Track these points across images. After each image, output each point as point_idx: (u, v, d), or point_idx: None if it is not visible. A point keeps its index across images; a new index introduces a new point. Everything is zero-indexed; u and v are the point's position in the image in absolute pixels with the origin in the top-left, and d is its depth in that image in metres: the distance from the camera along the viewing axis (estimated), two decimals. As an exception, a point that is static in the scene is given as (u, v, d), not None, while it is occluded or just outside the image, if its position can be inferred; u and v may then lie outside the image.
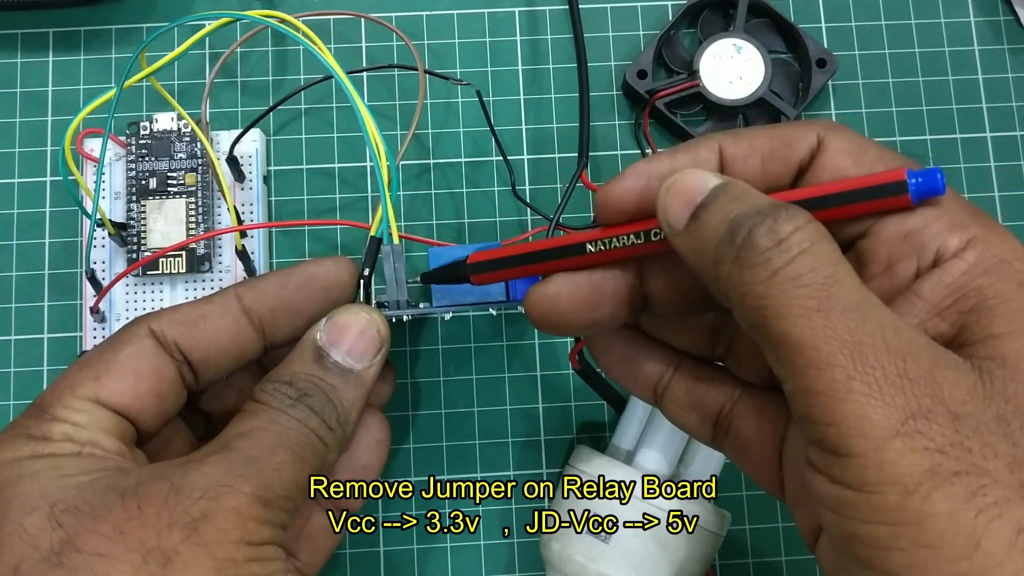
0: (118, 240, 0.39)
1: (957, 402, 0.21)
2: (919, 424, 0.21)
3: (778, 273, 0.22)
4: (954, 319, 0.23)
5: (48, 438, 0.27)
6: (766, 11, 0.43)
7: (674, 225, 0.25)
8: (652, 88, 0.42)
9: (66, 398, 0.28)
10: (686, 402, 0.29)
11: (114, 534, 0.25)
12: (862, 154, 0.26)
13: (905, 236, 0.24)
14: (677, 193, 0.25)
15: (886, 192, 0.24)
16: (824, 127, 0.26)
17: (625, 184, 0.27)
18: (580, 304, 0.27)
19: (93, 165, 0.40)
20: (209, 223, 0.39)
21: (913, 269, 0.24)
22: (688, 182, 0.25)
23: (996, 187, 0.43)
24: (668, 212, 0.25)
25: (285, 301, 0.31)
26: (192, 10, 0.43)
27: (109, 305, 0.39)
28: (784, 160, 0.26)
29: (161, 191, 0.39)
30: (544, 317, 0.27)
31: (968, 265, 0.23)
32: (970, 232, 0.24)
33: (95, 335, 0.39)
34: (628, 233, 0.27)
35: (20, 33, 0.43)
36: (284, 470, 0.27)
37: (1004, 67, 0.44)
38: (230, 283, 0.39)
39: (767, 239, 0.23)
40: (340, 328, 0.30)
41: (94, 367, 0.28)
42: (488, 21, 0.44)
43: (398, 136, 0.42)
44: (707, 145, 0.27)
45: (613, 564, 0.33)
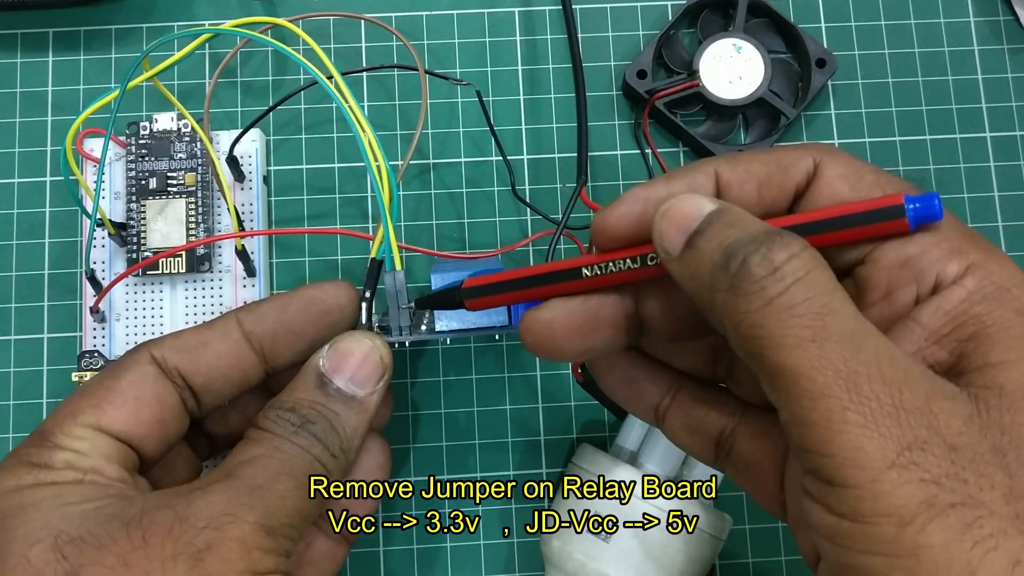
0: (118, 240, 0.39)
1: (953, 433, 0.21)
2: (915, 455, 0.21)
3: (773, 302, 0.22)
4: (952, 347, 0.23)
5: (50, 466, 0.27)
6: (766, 11, 0.43)
7: (670, 251, 0.25)
8: (652, 88, 0.42)
9: (67, 425, 0.28)
10: (687, 425, 0.29)
11: (119, 566, 0.25)
12: (859, 179, 0.25)
13: (904, 263, 0.24)
14: (672, 218, 0.25)
15: (883, 217, 0.24)
16: (820, 151, 0.26)
17: (621, 210, 0.27)
18: (575, 330, 0.27)
19: (93, 165, 0.40)
20: (209, 223, 0.39)
21: (912, 296, 0.24)
22: (683, 207, 0.25)
23: (996, 187, 0.43)
24: (664, 238, 0.25)
25: (285, 325, 0.31)
26: (192, 11, 0.43)
27: (109, 305, 0.39)
28: (780, 186, 0.26)
29: (161, 191, 0.39)
30: (539, 344, 0.27)
31: (967, 292, 0.23)
32: (969, 258, 0.24)
33: (95, 335, 0.39)
34: (624, 258, 0.26)
35: (20, 33, 0.43)
36: (288, 498, 0.27)
37: (1004, 67, 0.44)
38: (229, 283, 0.39)
39: (761, 267, 0.23)
40: (343, 354, 0.30)
41: (95, 394, 0.28)
42: (488, 21, 0.44)
43: (398, 136, 0.42)
44: (703, 170, 0.26)
45: (612, 564, 0.33)
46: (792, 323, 0.22)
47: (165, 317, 0.39)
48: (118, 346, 0.38)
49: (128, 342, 0.39)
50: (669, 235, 0.25)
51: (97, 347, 0.38)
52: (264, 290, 0.40)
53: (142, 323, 0.39)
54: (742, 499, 0.40)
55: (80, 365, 0.37)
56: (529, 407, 0.40)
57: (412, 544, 0.39)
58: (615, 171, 0.42)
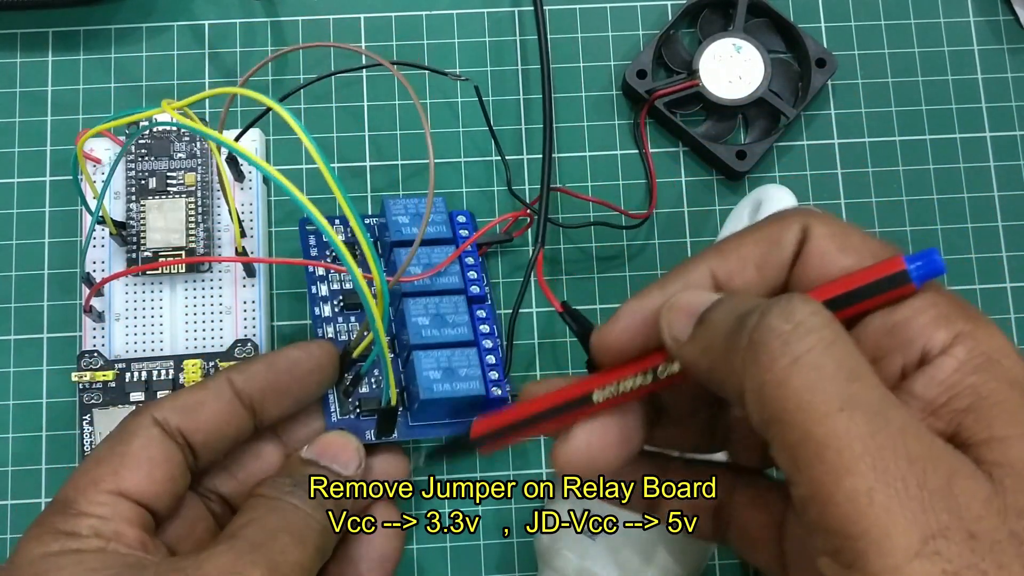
0: (118, 240, 0.39)
1: (973, 518, 0.21)
2: (938, 544, 0.20)
3: (800, 360, 0.21)
4: (950, 418, 0.23)
5: (76, 533, 0.28)
6: (766, 11, 0.43)
7: (679, 337, 0.24)
8: (651, 88, 0.42)
9: (89, 493, 0.29)
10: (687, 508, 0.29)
11: None
12: (846, 237, 0.25)
13: (890, 329, 0.24)
14: (679, 308, 0.25)
15: (890, 285, 0.24)
16: (805, 216, 0.26)
17: (620, 326, 0.27)
18: (611, 449, 0.27)
19: (92, 165, 0.40)
20: (208, 223, 0.39)
21: (899, 365, 0.24)
22: (689, 297, 0.25)
23: (995, 187, 0.43)
24: (672, 327, 0.25)
25: (272, 384, 0.33)
26: (192, 11, 0.43)
27: (108, 305, 0.39)
28: (776, 264, 0.26)
29: (161, 191, 0.39)
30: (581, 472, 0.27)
31: (958, 362, 0.23)
32: (956, 327, 0.23)
33: (94, 335, 0.39)
34: (634, 374, 0.26)
35: (20, 33, 0.43)
36: (288, 553, 0.29)
37: (1004, 67, 0.44)
38: (229, 283, 0.39)
39: (782, 320, 0.22)
40: (324, 443, 0.34)
41: (110, 461, 0.30)
42: (487, 21, 0.44)
43: (398, 136, 0.42)
44: (697, 269, 0.26)
45: (599, 561, 0.33)
46: (822, 387, 0.21)
47: (165, 317, 0.39)
48: (117, 346, 0.39)
49: (127, 342, 0.39)
50: (677, 322, 0.25)
51: (97, 347, 0.38)
52: (264, 290, 0.40)
53: (141, 323, 0.39)
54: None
55: (80, 365, 0.37)
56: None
57: (412, 544, 0.39)
58: (615, 171, 0.42)
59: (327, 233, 0.28)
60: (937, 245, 0.42)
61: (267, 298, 0.40)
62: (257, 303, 0.39)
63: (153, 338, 0.39)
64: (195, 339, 0.39)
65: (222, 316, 0.39)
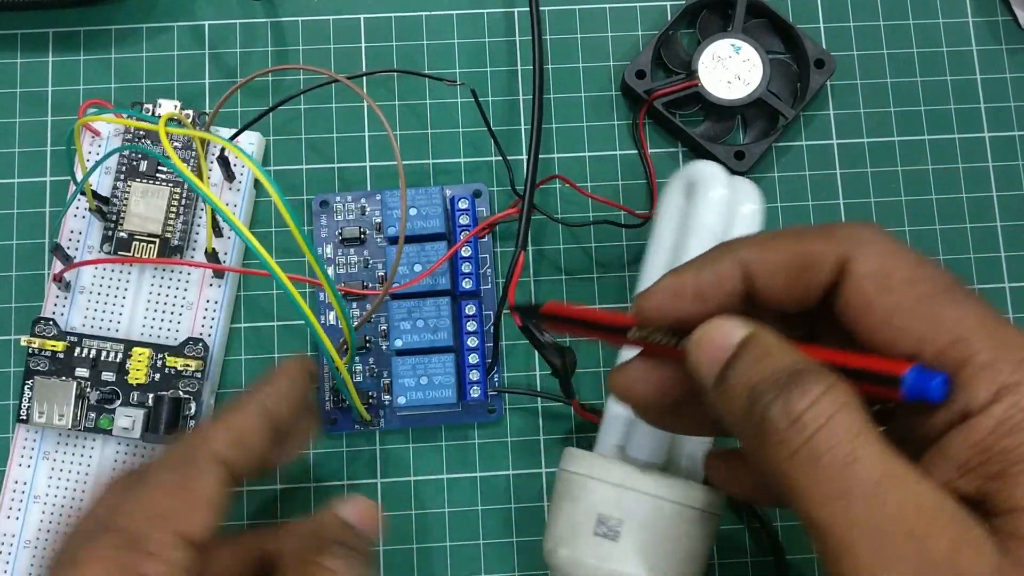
0: (97, 215, 0.39)
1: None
2: None
3: (797, 454, 0.23)
4: (978, 484, 0.23)
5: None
6: (765, 11, 0.43)
7: (705, 382, 0.26)
8: (650, 88, 0.42)
9: (160, 531, 0.29)
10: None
11: None
12: (888, 277, 0.25)
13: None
14: (705, 350, 0.26)
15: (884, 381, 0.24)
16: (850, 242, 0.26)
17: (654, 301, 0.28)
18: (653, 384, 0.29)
19: (92, 136, 0.40)
20: (189, 216, 0.40)
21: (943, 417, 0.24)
22: (715, 337, 0.26)
23: (995, 187, 0.43)
24: (699, 368, 0.26)
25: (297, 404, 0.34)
26: (192, 11, 0.43)
27: (76, 276, 0.39)
28: (807, 284, 0.26)
29: (150, 176, 0.40)
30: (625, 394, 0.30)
31: (995, 423, 0.23)
32: (1000, 378, 0.23)
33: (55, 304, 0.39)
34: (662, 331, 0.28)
35: (20, 33, 0.43)
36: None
37: (1002, 67, 0.44)
38: (196, 281, 0.40)
39: (782, 418, 0.23)
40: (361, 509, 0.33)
41: (176, 496, 0.30)
42: (487, 21, 0.44)
43: (398, 136, 0.42)
44: (730, 258, 0.27)
45: (625, 560, 0.33)
46: (817, 477, 0.22)
47: (127, 301, 0.39)
48: (75, 319, 0.39)
49: (86, 316, 0.39)
50: (704, 366, 0.26)
51: (55, 315, 0.39)
52: (230, 292, 0.40)
53: (103, 301, 0.39)
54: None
55: (33, 331, 0.38)
56: (528, 407, 0.40)
57: (412, 544, 0.39)
58: (614, 171, 0.42)
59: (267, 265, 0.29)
60: (936, 245, 0.42)
61: (231, 300, 0.40)
62: (220, 304, 0.40)
63: (111, 318, 0.39)
64: (151, 328, 0.39)
65: (182, 311, 0.39)
